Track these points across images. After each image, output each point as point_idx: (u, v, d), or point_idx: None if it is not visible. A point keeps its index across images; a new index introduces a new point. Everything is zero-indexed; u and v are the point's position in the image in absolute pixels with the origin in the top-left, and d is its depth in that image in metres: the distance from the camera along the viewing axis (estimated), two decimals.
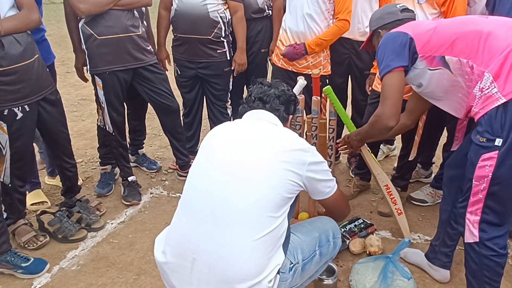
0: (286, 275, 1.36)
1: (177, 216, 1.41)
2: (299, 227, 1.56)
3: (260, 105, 1.51)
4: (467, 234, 1.49)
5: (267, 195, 1.29)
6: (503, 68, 1.35)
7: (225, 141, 1.42)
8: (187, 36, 2.58)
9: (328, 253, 1.56)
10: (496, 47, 1.38)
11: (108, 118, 2.42)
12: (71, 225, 2.23)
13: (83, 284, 1.93)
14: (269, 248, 1.29)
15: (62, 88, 5.09)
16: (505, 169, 1.35)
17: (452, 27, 1.53)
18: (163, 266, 1.37)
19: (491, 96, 1.36)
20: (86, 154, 3.25)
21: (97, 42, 2.25)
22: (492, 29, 1.43)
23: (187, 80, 2.74)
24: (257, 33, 2.84)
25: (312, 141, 2.18)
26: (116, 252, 2.15)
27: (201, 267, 1.27)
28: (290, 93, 1.59)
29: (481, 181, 1.40)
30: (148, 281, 1.94)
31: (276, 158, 1.33)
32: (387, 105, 1.60)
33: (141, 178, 2.89)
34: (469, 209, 1.46)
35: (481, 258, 1.47)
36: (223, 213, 1.28)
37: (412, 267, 1.97)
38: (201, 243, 1.28)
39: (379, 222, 2.37)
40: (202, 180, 1.37)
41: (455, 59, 1.48)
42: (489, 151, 1.36)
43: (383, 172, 2.15)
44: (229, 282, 1.24)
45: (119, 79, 2.35)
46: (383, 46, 1.61)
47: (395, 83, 1.58)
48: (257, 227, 1.26)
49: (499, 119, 1.34)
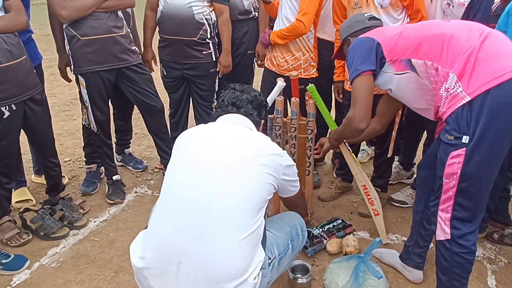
0: (266, 270, 1.41)
1: (156, 219, 1.40)
2: (271, 223, 1.60)
3: (234, 109, 1.55)
4: (438, 232, 1.53)
5: (249, 196, 1.33)
6: (466, 68, 1.39)
7: (205, 143, 1.44)
8: (172, 38, 2.61)
9: (298, 246, 1.63)
10: (458, 48, 1.43)
11: (92, 117, 2.45)
12: (53, 222, 2.26)
13: (62, 280, 1.96)
14: (252, 246, 1.33)
15: (56, 87, 5.14)
16: (473, 166, 1.39)
17: (417, 31, 1.58)
18: (143, 272, 1.35)
19: (457, 95, 1.40)
20: (74, 153, 3.29)
21: (80, 42, 2.29)
22: (454, 31, 1.48)
23: (173, 81, 2.77)
24: (243, 34, 2.87)
25: (292, 142, 2.21)
26: (97, 250, 2.17)
27: (188, 269, 1.29)
28: (262, 98, 1.64)
29: (451, 179, 1.44)
30: (126, 278, 1.96)
31: (256, 161, 1.37)
32: (357, 108, 1.65)
33: (126, 177, 2.92)
34: (441, 206, 1.51)
35: (452, 255, 1.51)
36: (208, 215, 1.30)
37: (387, 267, 2.00)
38: (187, 246, 1.29)
39: (358, 223, 2.39)
40: (184, 183, 1.37)
41: (420, 62, 1.53)
42: (457, 148, 1.40)
43: (362, 172, 2.17)
44: (217, 282, 1.27)
45: (103, 78, 2.38)
46: (352, 52, 1.66)
47: (364, 87, 1.63)
48: (242, 227, 1.30)
49: (465, 117, 1.38)
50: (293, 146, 2.22)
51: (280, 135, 2.21)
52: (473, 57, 1.39)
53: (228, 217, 1.30)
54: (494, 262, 2.05)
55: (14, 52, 2.02)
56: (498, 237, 2.17)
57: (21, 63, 2.06)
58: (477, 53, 1.39)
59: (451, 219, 1.48)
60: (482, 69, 1.38)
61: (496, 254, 2.11)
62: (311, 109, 2.13)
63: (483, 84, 1.36)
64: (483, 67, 1.38)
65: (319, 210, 2.53)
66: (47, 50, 6.55)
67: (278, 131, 2.20)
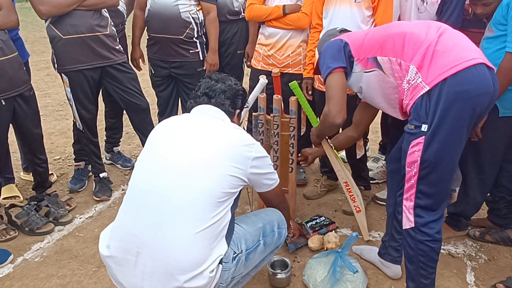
0: (229, 264, 1.40)
1: (121, 211, 1.43)
2: (244, 218, 1.60)
3: (206, 100, 1.54)
4: (404, 221, 1.57)
5: (209, 190, 1.33)
6: (424, 59, 1.46)
7: (169, 137, 1.45)
8: (159, 36, 2.64)
9: (273, 243, 1.60)
10: (418, 43, 1.50)
11: (77, 115, 2.48)
12: (39, 218, 2.28)
13: (44, 274, 1.97)
14: (211, 239, 1.32)
15: (51, 88, 5.19)
16: (431, 152, 1.44)
17: (381, 31, 1.67)
18: (107, 260, 1.39)
19: (417, 86, 1.47)
20: (65, 152, 3.32)
21: (62, 41, 2.31)
22: (413, 29, 1.56)
23: (161, 80, 2.80)
24: (233, 35, 2.90)
25: (274, 139, 2.22)
26: (80, 245, 2.19)
27: (145, 260, 1.31)
28: (238, 87, 1.61)
29: (412, 167, 1.50)
30: (107, 273, 1.97)
31: (220, 154, 1.37)
32: (331, 104, 1.70)
33: (114, 175, 2.94)
34: (405, 195, 1.55)
35: (417, 244, 1.54)
36: (165, 208, 1.32)
37: (367, 264, 2.01)
38: (144, 237, 1.31)
39: (342, 220, 2.40)
40: (146, 176, 1.39)
41: (385, 59, 1.59)
42: (417, 137, 1.46)
43: (344, 168, 2.19)
44: (172, 274, 1.29)
45: (86, 77, 2.41)
46: (323, 53, 1.73)
47: (336, 83, 1.68)
48: (198, 221, 1.30)
49: (424, 106, 1.44)
50: (276, 143, 2.23)
51: (263, 132, 2.23)
52: (431, 50, 1.45)
53: (184, 210, 1.31)
54: (474, 259, 2.05)
55: (4, 49, 2.07)
56: (479, 234, 2.17)
57: (10, 60, 2.10)
58: (435, 46, 1.45)
59: (415, 207, 1.52)
60: (439, 60, 1.43)
61: (477, 251, 2.11)
62: (293, 106, 2.15)
63: (440, 73, 1.41)
64: (440, 58, 1.43)
65: (304, 208, 2.54)
66: (45, 52, 6.62)
67: (261, 128, 2.22)
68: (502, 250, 2.11)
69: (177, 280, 1.28)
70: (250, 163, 1.41)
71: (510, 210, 2.15)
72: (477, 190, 2.05)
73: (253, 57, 2.72)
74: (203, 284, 1.30)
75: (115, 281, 1.42)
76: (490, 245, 2.15)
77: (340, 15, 2.21)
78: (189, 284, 1.29)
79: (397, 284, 1.87)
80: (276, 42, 2.53)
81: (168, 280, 1.29)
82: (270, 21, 2.50)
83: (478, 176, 2.02)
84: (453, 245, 2.16)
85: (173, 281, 1.29)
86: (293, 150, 2.23)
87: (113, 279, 1.44)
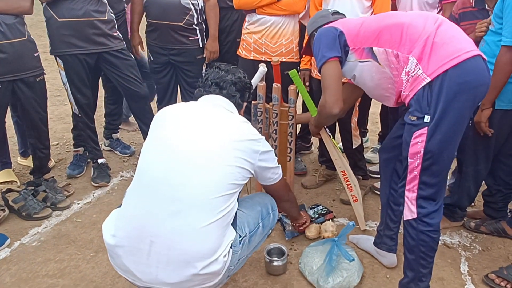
0: (237, 248, 1.44)
1: (130, 199, 1.41)
2: (242, 202, 1.62)
3: (217, 90, 1.54)
4: (406, 212, 1.58)
5: (222, 181, 1.35)
6: (424, 51, 1.46)
7: (181, 125, 1.43)
8: (158, 22, 2.61)
9: (269, 225, 1.65)
10: (416, 35, 1.49)
11: (72, 99, 2.47)
12: (36, 203, 2.28)
13: (41, 259, 1.98)
14: (224, 228, 1.36)
15: (49, 73, 5.10)
16: (434, 143, 1.45)
17: (377, 21, 1.64)
18: (116, 250, 1.37)
19: (418, 77, 1.46)
20: (63, 138, 3.31)
21: (57, 24, 2.29)
22: (411, 20, 1.54)
23: (160, 67, 2.78)
24: (233, 22, 2.86)
25: (273, 127, 2.22)
26: (78, 231, 2.20)
27: (160, 249, 1.31)
28: (246, 80, 1.63)
29: (415, 158, 1.50)
30: (105, 258, 1.98)
31: (231, 146, 1.38)
32: (327, 94, 1.68)
33: (113, 161, 2.94)
34: (407, 186, 1.56)
35: (419, 234, 1.55)
36: (181, 197, 1.32)
37: (363, 253, 2.03)
38: (159, 226, 1.31)
39: (339, 210, 2.42)
40: (158, 165, 1.38)
41: (381, 50, 1.58)
42: (420, 128, 1.46)
43: (341, 157, 2.19)
44: (189, 261, 1.30)
45: (81, 62, 2.39)
46: (317, 41, 1.70)
47: (332, 73, 1.66)
48: (213, 210, 1.33)
49: (426, 97, 1.44)
50: (275, 132, 2.23)
51: (261, 121, 2.22)
52: (430, 41, 1.45)
53: (198, 201, 1.32)
54: (469, 250, 2.07)
55: (5, 33, 2.06)
56: (474, 225, 2.19)
57: (14, 44, 2.09)
58: (433, 38, 1.46)
59: (417, 198, 1.53)
60: (439, 52, 1.43)
61: (472, 242, 2.14)
62: (292, 95, 2.14)
63: (441, 65, 1.41)
64: (440, 50, 1.44)
65: (302, 197, 2.56)
66: (42, 36, 6.53)
67: (260, 117, 2.22)
68: (496, 241, 2.13)
69: (195, 267, 1.30)
70: (258, 157, 1.46)
71: (505, 203, 2.18)
72: (471, 181, 2.08)
73: (240, 46, 2.63)
74: (218, 268, 1.34)
75: (123, 270, 1.40)
76: (484, 236, 2.17)
77: (341, 5, 2.18)
78: (206, 270, 1.31)
79: (392, 273, 1.89)
80: (267, 29, 2.45)
81: (184, 268, 1.31)
82: (262, 7, 2.42)
83: (474, 168, 2.04)
84: (448, 235, 2.18)
85: (191, 269, 1.31)
86: (292, 139, 2.23)
87: (119, 268, 1.41)
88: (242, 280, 1.86)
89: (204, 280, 1.34)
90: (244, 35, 2.58)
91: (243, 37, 2.59)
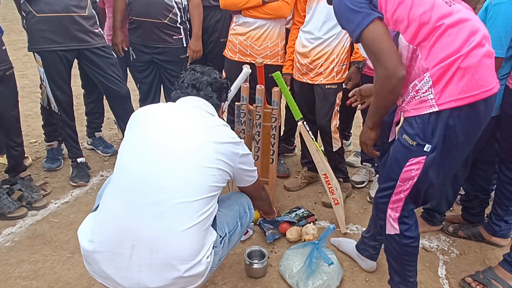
0: (218, 248, 1.43)
1: (109, 202, 1.36)
2: (220, 202, 1.60)
3: (194, 91, 1.54)
4: (388, 227, 1.56)
5: (203, 183, 1.34)
6: (444, 76, 1.29)
7: (162, 125, 1.40)
8: (142, 19, 2.57)
9: (246, 223, 1.67)
10: (448, 49, 1.28)
11: (51, 96, 2.40)
12: (11, 202, 2.21)
13: (14, 260, 1.92)
14: (205, 229, 1.36)
15: (29, 68, 5.03)
16: (430, 175, 1.39)
17: (416, 7, 1.33)
18: (95, 256, 1.32)
19: (426, 101, 1.32)
20: (41, 135, 3.18)
21: (35, 19, 2.22)
22: (456, 24, 1.29)
23: (143, 65, 2.74)
24: (216, 22, 2.83)
25: (256, 129, 2.21)
26: (54, 231, 2.14)
27: (142, 253, 1.28)
28: (222, 80, 1.62)
29: (405, 183, 1.43)
30: (81, 259, 1.90)
31: (212, 148, 1.37)
32: (385, 58, 1.31)
33: (94, 160, 2.89)
34: (390, 205, 1.51)
35: (402, 247, 1.55)
36: (163, 199, 1.29)
37: (344, 256, 2.03)
38: (141, 230, 1.28)
39: (321, 213, 2.42)
40: (138, 165, 1.34)
41: (405, 42, 1.36)
42: (417, 156, 1.36)
43: (324, 160, 2.19)
44: (173, 265, 1.28)
45: (61, 58, 2.33)
46: (343, 6, 1.36)
47: (378, 35, 1.32)
48: (196, 213, 1.32)
49: (431, 125, 1.32)
50: (258, 134, 2.22)
51: (245, 122, 2.21)
52: (455, 66, 1.27)
53: (181, 204, 1.30)
54: (447, 253, 2.10)
55: None
56: (452, 230, 2.23)
57: None
58: (461, 62, 1.27)
59: (400, 217, 1.50)
60: (460, 82, 1.28)
61: (450, 245, 2.17)
62: (275, 97, 2.14)
63: (456, 99, 1.28)
64: (461, 80, 1.28)
65: (284, 200, 2.55)
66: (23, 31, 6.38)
67: (243, 118, 2.20)
68: (473, 245, 2.17)
69: (178, 270, 1.29)
70: (238, 160, 1.46)
71: (482, 208, 2.22)
72: (449, 187, 2.11)
73: (226, 47, 2.61)
74: (201, 270, 1.33)
75: (102, 277, 1.35)
76: (462, 240, 2.20)
77: (323, 8, 2.17)
78: (190, 273, 1.30)
79: (372, 277, 1.90)
80: (253, 32, 2.43)
81: (168, 271, 1.29)
82: (248, 9, 2.40)
83: None
84: (427, 239, 2.20)
85: (174, 272, 1.29)
86: (275, 141, 2.22)
87: (97, 275, 1.36)
88: (221, 282, 1.84)
89: (187, 282, 1.33)
90: (231, 36, 2.56)
91: (230, 38, 2.57)
